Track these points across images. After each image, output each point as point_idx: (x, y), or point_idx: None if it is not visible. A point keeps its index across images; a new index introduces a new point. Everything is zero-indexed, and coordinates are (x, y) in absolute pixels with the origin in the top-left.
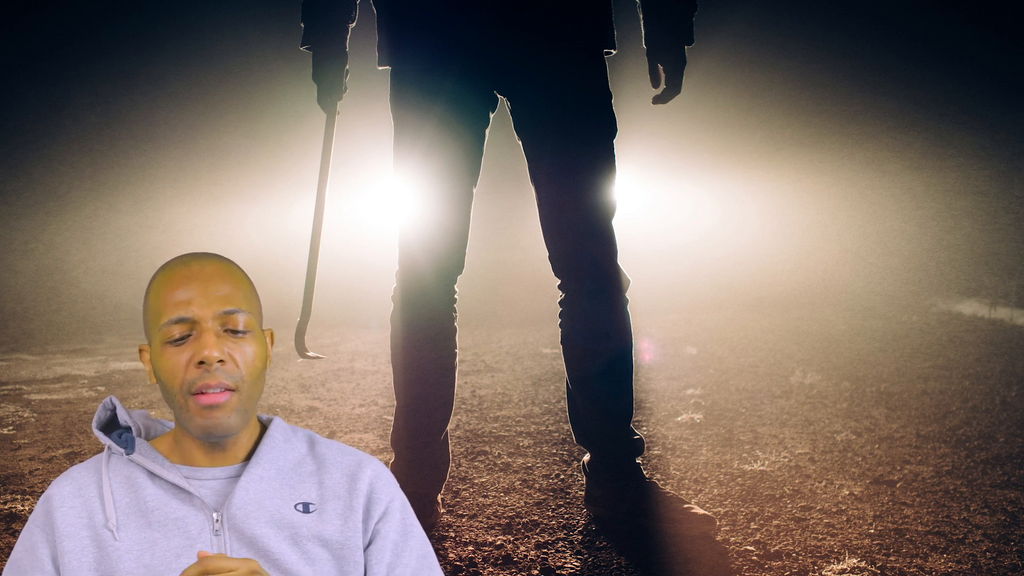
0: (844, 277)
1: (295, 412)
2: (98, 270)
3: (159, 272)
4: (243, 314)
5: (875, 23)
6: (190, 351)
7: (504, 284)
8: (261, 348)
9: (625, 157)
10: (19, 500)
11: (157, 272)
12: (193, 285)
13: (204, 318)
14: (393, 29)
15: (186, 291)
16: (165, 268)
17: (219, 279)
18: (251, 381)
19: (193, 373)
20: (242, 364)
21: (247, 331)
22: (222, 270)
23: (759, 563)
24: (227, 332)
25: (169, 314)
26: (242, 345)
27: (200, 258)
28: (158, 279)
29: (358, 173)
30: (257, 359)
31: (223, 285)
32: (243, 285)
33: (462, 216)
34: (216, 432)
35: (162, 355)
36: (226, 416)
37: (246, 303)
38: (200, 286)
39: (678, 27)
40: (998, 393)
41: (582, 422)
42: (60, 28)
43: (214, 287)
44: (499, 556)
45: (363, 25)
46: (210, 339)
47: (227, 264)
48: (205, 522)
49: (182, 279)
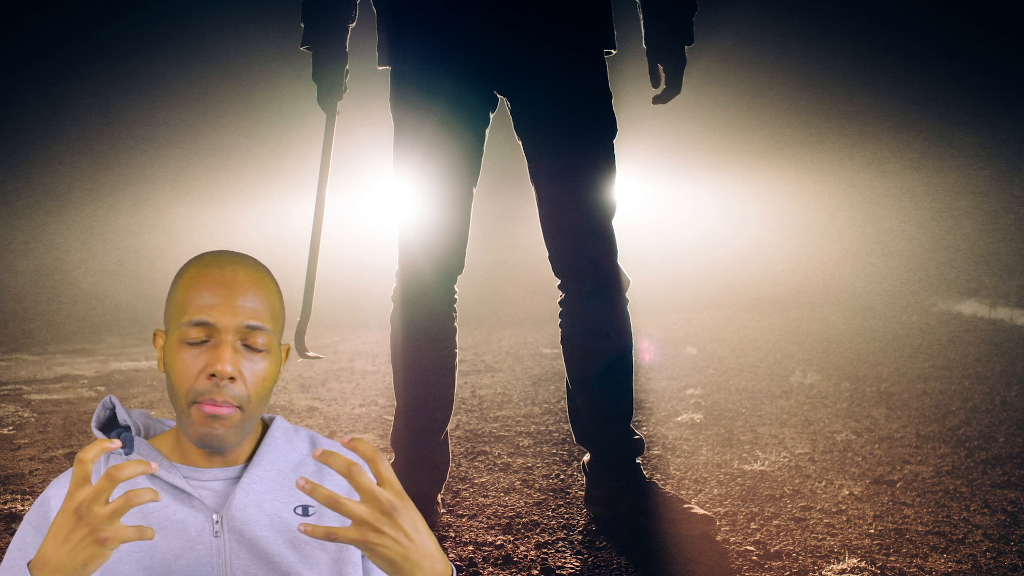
0: (844, 277)
1: (295, 412)
2: (98, 270)
3: (192, 265)
4: (264, 334)
5: (875, 23)
6: (204, 359)
7: (504, 284)
8: (274, 369)
9: (625, 157)
10: (19, 500)
11: (190, 264)
12: (222, 291)
13: (226, 328)
14: (393, 29)
15: (213, 295)
16: (199, 263)
17: (250, 291)
18: (257, 401)
19: (203, 384)
20: (251, 384)
21: (264, 350)
22: (255, 281)
23: (759, 563)
24: (244, 347)
25: (192, 315)
26: (256, 363)
27: (236, 262)
28: (189, 274)
29: (358, 173)
30: (268, 380)
31: (252, 298)
32: (272, 299)
33: (462, 216)
34: (212, 444)
35: (176, 352)
36: (225, 430)
37: (271, 320)
38: (229, 294)
39: (678, 27)
40: (998, 393)
41: (582, 422)
42: (60, 28)
43: (242, 297)
44: (499, 556)
45: (363, 25)
46: (226, 353)
47: (261, 274)
48: (205, 524)
49: (213, 282)
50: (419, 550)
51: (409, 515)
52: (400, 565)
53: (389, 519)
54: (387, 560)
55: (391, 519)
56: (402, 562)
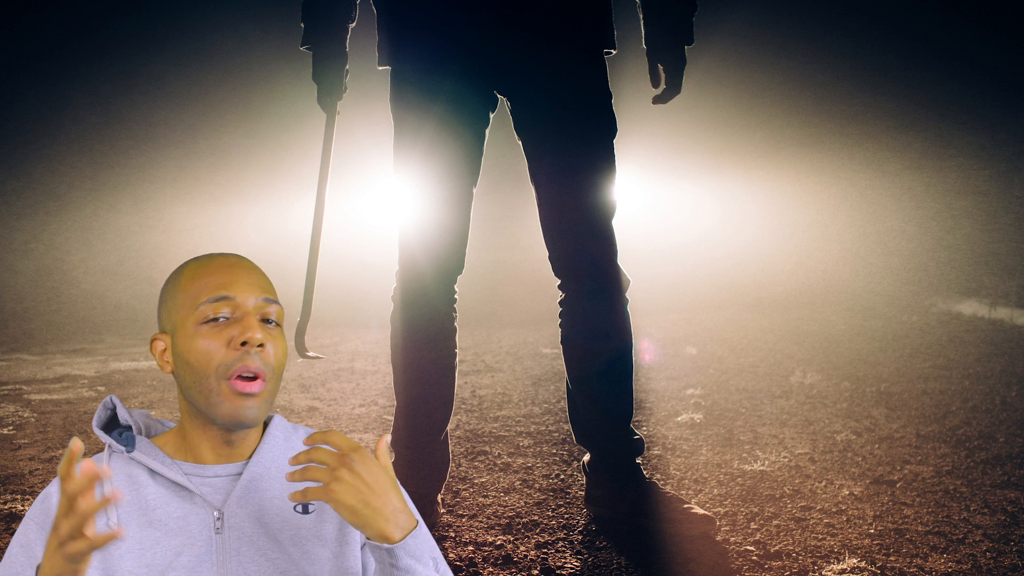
0: (844, 277)
1: (295, 412)
2: (98, 270)
3: (189, 263)
4: (278, 308)
5: (875, 23)
6: (230, 332)
7: (504, 284)
8: (286, 345)
9: (625, 157)
10: (19, 500)
11: (186, 264)
12: (235, 271)
13: (246, 300)
14: (393, 29)
15: (228, 275)
16: (195, 260)
17: (256, 271)
18: (278, 375)
19: (232, 355)
20: (273, 356)
21: (280, 324)
22: (253, 266)
23: (759, 563)
24: (262, 321)
25: (210, 293)
26: (275, 336)
27: (229, 255)
28: (191, 268)
29: (358, 173)
30: (283, 355)
31: (261, 277)
32: (271, 283)
33: (462, 216)
34: (244, 421)
35: (195, 336)
36: (256, 406)
37: (276, 298)
38: (242, 273)
39: (678, 27)
40: (998, 393)
41: (582, 422)
42: (60, 28)
43: (254, 276)
44: (499, 556)
45: (363, 25)
46: (254, 321)
47: (255, 263)
48: (206, 520)
49: (222, 266)
50: (379, 497)
51: (366, 464)
52: (361, 511)
53: (346, 467)
54: (348, 508)
55: (348, 467)
56: (363, 508)
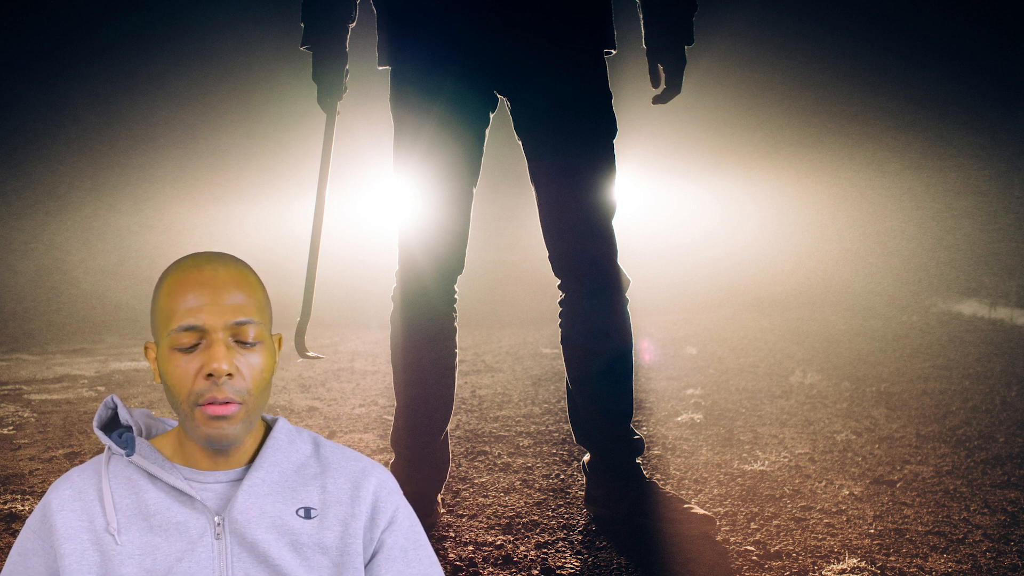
0: (844, 277)
1: (295, 412)
2: (98, 270)
3: (171, 272)
4: (254, 325)
5: (875, 23)
6: (199, 361)
7: (504, 284)
8: (269, 359)
9: (625, 157)
10: (19, 500)
11: (168, 271)
12: (205, 292)
13: (215, 328)
14: (393, 29)
15: (197, 298)
16: (177, 268)
17: (232, 286)
18: (257, 393)
19: (201, 384)
20: (249, 377)
21: (256, 343)
22: (235, 276)
23: (759, 563)
24: (237, 343)
25: (179, 320)
26: (250, 357)
27: (213, 261)
28: (169, 280)
29: (358, 173)
30: (265, 371)
31: (236, 293)
32: (256, 292)
33: (462, 216)
34: (221, 442)
35: (170, 360)
36: (232, 427)
37: (257, 312)
38: (212, 293)
39: (678, 27)
40: (998, 393)
41: (582, 422)
42: (60, 28)
43: (226, 295)
44: (499, 556)
45: (363, 25)
46: (220, 351)
47: (240, 269)
48: (207, 526)
49: (194, 284)
50: None
51: None
52: None
53: None
54: None
55: None
56: None
